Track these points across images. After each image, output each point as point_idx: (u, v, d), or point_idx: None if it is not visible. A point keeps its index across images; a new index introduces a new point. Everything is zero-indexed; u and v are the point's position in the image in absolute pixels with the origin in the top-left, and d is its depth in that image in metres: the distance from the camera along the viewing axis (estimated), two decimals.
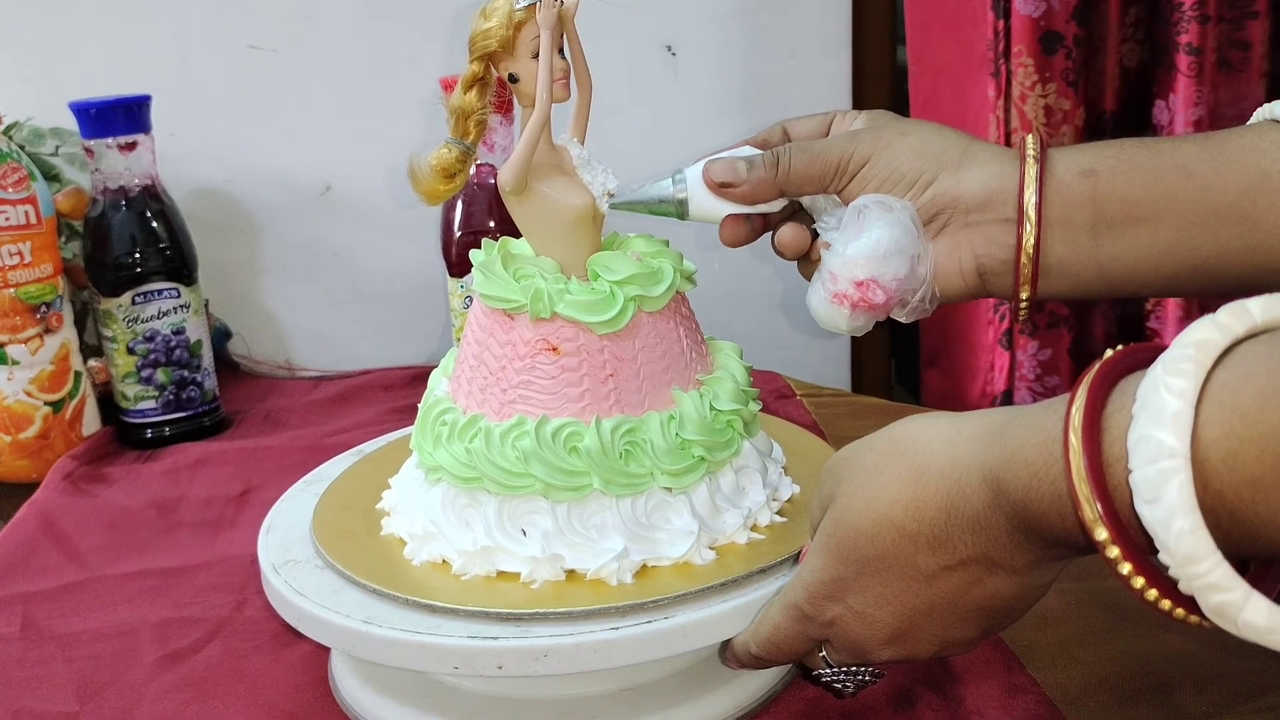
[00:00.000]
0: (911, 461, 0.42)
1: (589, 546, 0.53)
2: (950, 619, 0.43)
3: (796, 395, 1.01)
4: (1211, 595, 0.32)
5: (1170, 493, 0.31)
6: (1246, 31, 1.03)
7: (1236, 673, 0.58)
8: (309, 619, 0.53)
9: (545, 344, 0.54)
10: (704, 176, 0.57)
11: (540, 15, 0.52)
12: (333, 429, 0.98)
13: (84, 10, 1.12)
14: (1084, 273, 0.54)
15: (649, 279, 0.55)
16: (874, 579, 0.44)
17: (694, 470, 0.54)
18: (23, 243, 0.90)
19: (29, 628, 0.67)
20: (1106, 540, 0.34)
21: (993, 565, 0.41)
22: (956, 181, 0.54)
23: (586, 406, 0.54)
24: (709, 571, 0.53)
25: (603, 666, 0.50)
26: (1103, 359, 0.36)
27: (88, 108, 0.92)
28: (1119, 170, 0.53)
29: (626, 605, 0.51)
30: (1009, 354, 1.15)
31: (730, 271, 1.22)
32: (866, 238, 0.54)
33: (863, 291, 0.55)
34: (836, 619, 0.46)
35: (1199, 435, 0.31)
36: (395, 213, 1.18)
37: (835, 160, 0.55)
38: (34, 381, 0.93)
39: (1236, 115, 1.05)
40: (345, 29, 1.15)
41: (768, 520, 0.57)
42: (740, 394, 0.57)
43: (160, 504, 0.83)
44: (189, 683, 0.61)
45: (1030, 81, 1.05)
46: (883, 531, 0.42)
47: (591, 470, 0.53)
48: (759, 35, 1.19)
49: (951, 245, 0.55)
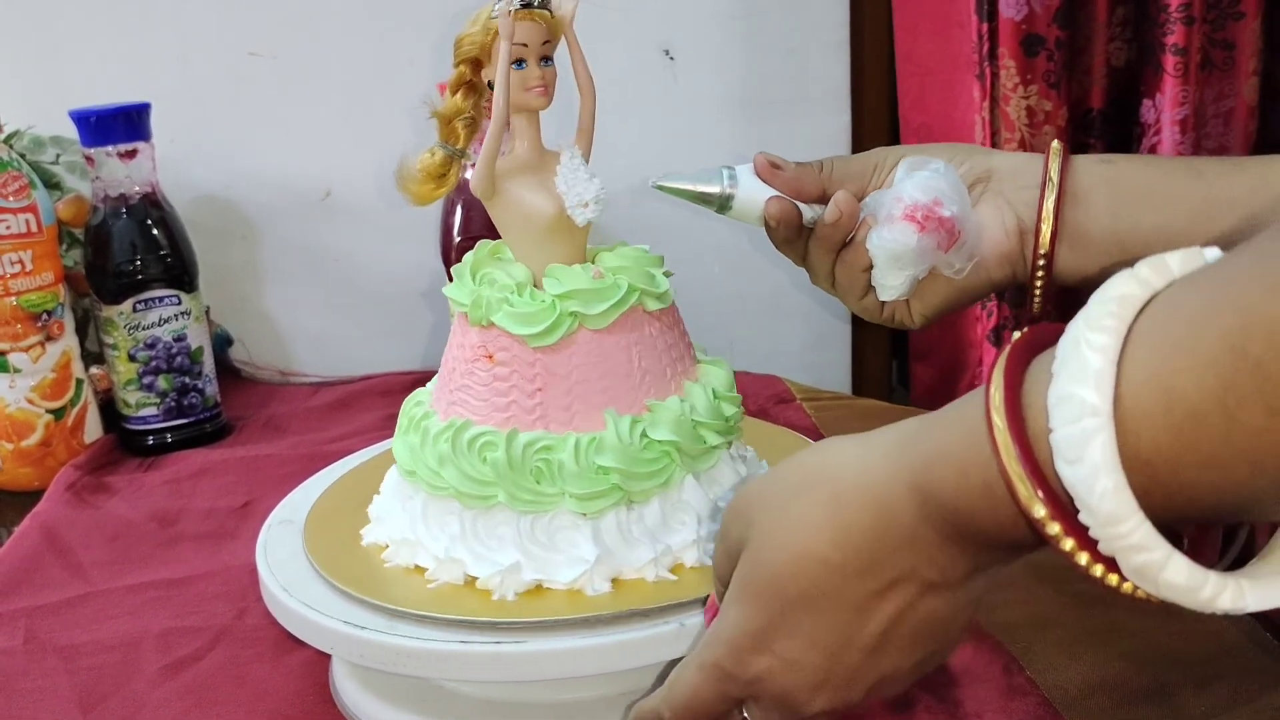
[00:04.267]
0: (828, 487, 0.39)
1: (487, 556, 0.53)
2: (884, 650, 0.41)
3: (796, 399, 1.01)
4: (1133, 556, 0.31)
5: (1093, 452, 0.30)
6: (1229, 32, 1.03)
7: (1235, 674, 0.58)
8: (306, 625, 0.54)
9: (483, 350, 0.55)
10: (756, 159, 0.59)
11: (499, 24, 0.52)
12: (333, 435, 0.98)
13: (84, 18, 1.12)
14: (1102, 243, 0.56)
15: (594, 295, 0.54)
16: (803, 618, 0.40)
17: (604, 498, 0.53)
18: (24, 251, 0.90)
19: (31, 640, 0.67)
20: (1045, 517, 0.32)
21: (925, 584, 0.39)
22: (988, 159, 0.59)
23: (510, 417, 0.54)
24: (592, 603, 0.51)
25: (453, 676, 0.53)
26: (1013, 340, 0.35)
27: (88, 116, 0.93)
28: (1134, 163, 0.57)
29: (482, 621, 0.51)
30: (996, 350, 1.15)
31: (731, 274, 1.22)
32: (923, 173, 0.57)
33: (932, 207, 0.55)
34: (763, 673, 0.42)
35: (1121, 391, 0.30)
36: (395, 217, 1.18)
37: (874, 160, 0.60)
38: (36, 389, 0.93)
39: (1219, 114, 1.06)
40: (344, 34, 1.15)
41: (695, 561, 0.54)
42: (683, 425, 0.54)
43: (162, 516, 0.84)
44: (191, 690, 0.61)
45: (1012, 83, 1.06)
46: (806, 566, 0.39)
47: (498, 482, 0.53)
48: (758, 35, 1.19)
49: (993, 206, 0.58)
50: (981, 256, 0.57)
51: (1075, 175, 0.56)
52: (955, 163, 0.58)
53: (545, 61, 0.54)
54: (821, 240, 0.59)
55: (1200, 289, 0.31)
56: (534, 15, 0.53)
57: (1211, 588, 0.31)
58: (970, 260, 0.57)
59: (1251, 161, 0.56)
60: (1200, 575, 0.31)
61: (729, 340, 1.24)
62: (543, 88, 0.54)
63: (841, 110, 1.22)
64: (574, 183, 0.55)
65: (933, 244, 0.56)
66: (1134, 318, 0.31)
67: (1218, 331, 0.29)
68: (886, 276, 0.57)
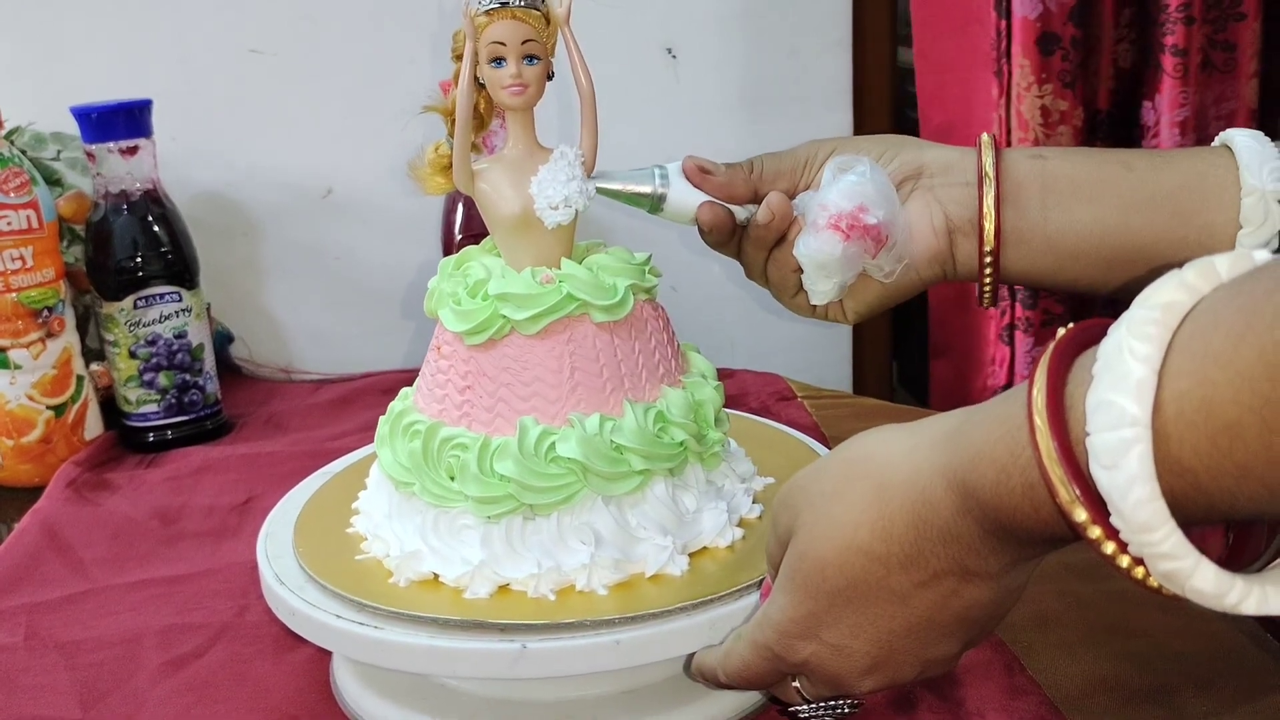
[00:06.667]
0: (872, 480, 0.41)
1: (397, 541, 0.55)
2: (929, 637, 0.42)
3: (797, 397, 1.01)
4: (1162, 562, 0.32)
5: (1130, 461, 0.31)
6: (1229, 33, 1.03)
7: (1237, 674, 0.58)
8: (307, 622, 0.53)
9: (436, 343, 0.57)
10: (684, 164, 0.60)
11: (464, 23, 0.53)
12: (334, 432, 0.98)
13: (85, 15, 1.12)
14: (1034, 242, 0.57)
15: (527, 300, 0.53)
16: (847, 609, 0.42)
17: (500, 504, 0.52)
18: (25, 247, 0.90)
19: (32, 637, 0.67)
20: (1086, 521, 0.33)
21: (967, 574, 0.40)
22: (920, 153, 0.59)
23: (441, 411, 0.55)
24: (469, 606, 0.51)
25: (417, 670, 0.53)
26: (1056, 339, 0.35)
27: (89, 112, 0.92)
28: (1065, 157, 0.58)
29: (448, 620, 0.51)
30: (1009, 349, 1.15)
31: (731, 273, 1.21)
32: (849, 177, 0.56)
33: (856, 215, 0.55)
34: (811, 657, 0.44)
35: (1163, 399, 0.30)
36: (396, 215, 1.18)
37: (804, 156, 0.60)
38: (36, 386, 0.93)
39: (1219, 116, 1.05)
40: (345, 32, 1.15)
41: (584, 585, 0.52)
42: (596, 445, 0.52)
43: (163, 513, 0.83)
44: (191, 687, 0.61)
45: (1026, 82, 1.06)
46: (851, 559, 0.41)
47: (413, 470, 0.54)
48: (759, 35, 1.19)
49: (922, 204, 0.59)
50: (912, 259, 0.58)
51: (1007, 170, 0.57)
52: (886, 158, 0.58)
53: (531, 60, 0.54)
54: (755, 240, 0.60)
55: (1240, 300, 0.31)
56: (515, 14, 0.52)
57: (1237, 593, 0.32)
58: (899, 262, 0.57)
59: (1181, 154, 0.57)
60: (1226, 581, 0.31)
61: (729, 339, 1.24)
62: (519, 87, 0.54)
63: (843, 109, 1.22)
64: (548, 184, 0.54)
65: (858, 251, 0.56)
66: (1178, 324, 0.31)
67: (1255, 349, 0.29)
68: (815, 283, 0.58)
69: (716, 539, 0.55)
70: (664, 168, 0.60)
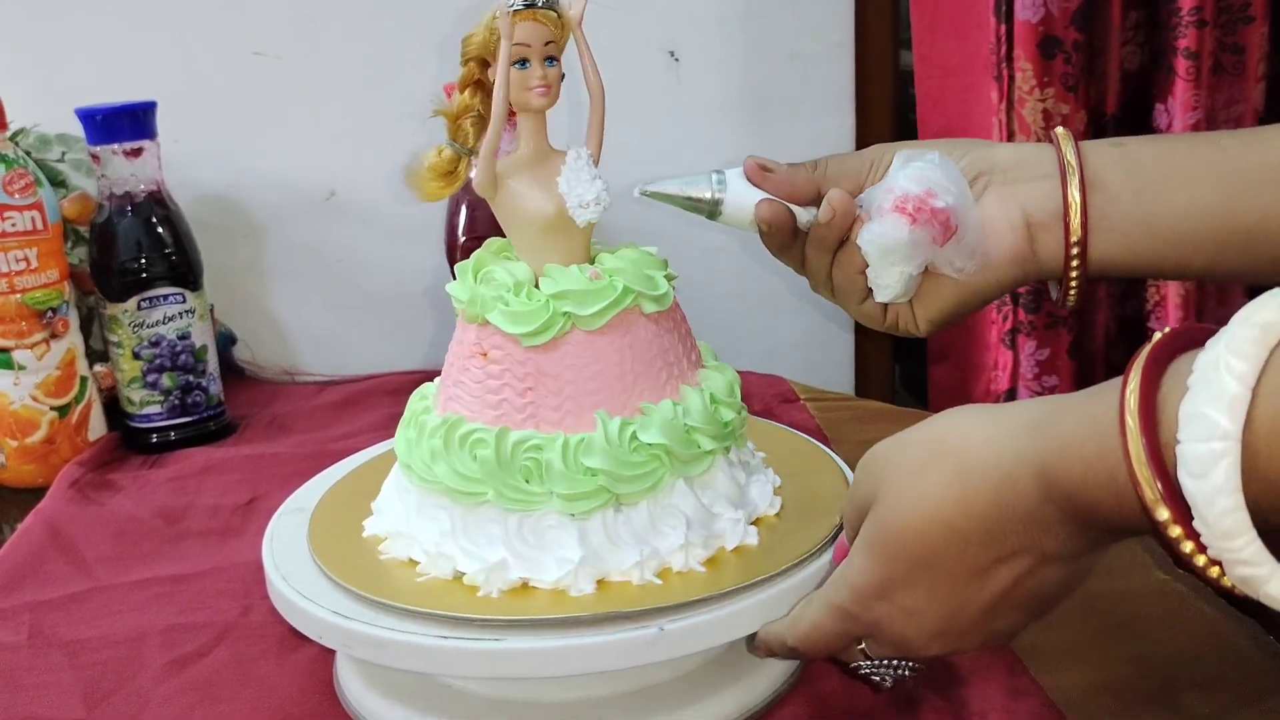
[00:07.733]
0: (956, 458, 0.42)
1: (475, 552, 0.53)
2: (998, 610, 0.44)
3: (800, 399, 1.01)
4: (1240, 568, 0.33)
5: (1218, 473, 0.32)
6: (1239, 36, 1.03)
7: (1240, 676, 0.58)
8: (309, 620, 0.54)
9: (478, 348, 0.55)
10: (745, 163, 0.58)
11: (499, 23, 0.52)
12: (338, 434, 0.98)
13: (89, 17, 1.12)
14: (1129, 229, 0.54)
15: (588, 296, 0.54)
16: (924, 576, 0.44)
17: (591, 499, 0.53)
18: (29, 248, 0.91)
19: (36, 635, 0.67)
20: (1168, 520, 0.35)
21: (1044, 555, 0.42)
22: (990, 151, 0.57)
23: (501, 415, 0.54)
24: (575, 603, 0.51)
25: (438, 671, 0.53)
26: (1152, 342, 0.37)
27: (94, 114, 0.93)
28: (1145, 144, 0.56)
29: (466, 618, 0.51)
30: (1011, 353, 1.15)
31: (735, 274, 1.22)
32: (917, 164, 0.55)
33: (924, 198, 0.53)
34: (883, 618, 0.46)
35: (1254, 414, 0.32)
36: (399, 217, 1.18)
37: (870, 158, 0.59)
38: (40, 386, 0.93)
39: (1229, 119, 1.06)
40: (348, 35, 1.15)
41: (681, 566, 0.53)
42: (674, 429, 0.54)
43: (167, 513, 0.84)
44: (195, 687, 0.61)
45: (1029, 86, 1.06)
46: (932, 530, 0.43)
47: (486, 480, 0.53)
48: (761, 37, 1.20)
49: (998, 201, 0.56)
50: (988, 256, 0.55)
51: (1088, 159, 0.55)
52: (954, 156, 0.56)
53: (550, 61, 0.54)
54: (817, 242, 0.58)
55: None
56: (536, 15, 0.53)
57: None
58: (973, 258, 0.55)
59: (1269, 130, 0.54)
60: None
61: (732, 340, 1.24)
62: (545, 88, 0.54)
63: (845, 112, 1.22)
64: (576, 183, 0.55)
65: (926, 237, 0.54)
66: (1277, 343, 0.33)
67: None
68: (881, 274, 0.56)
69: (768, 509, 0.58)
70: (721, 172, 0.58)
